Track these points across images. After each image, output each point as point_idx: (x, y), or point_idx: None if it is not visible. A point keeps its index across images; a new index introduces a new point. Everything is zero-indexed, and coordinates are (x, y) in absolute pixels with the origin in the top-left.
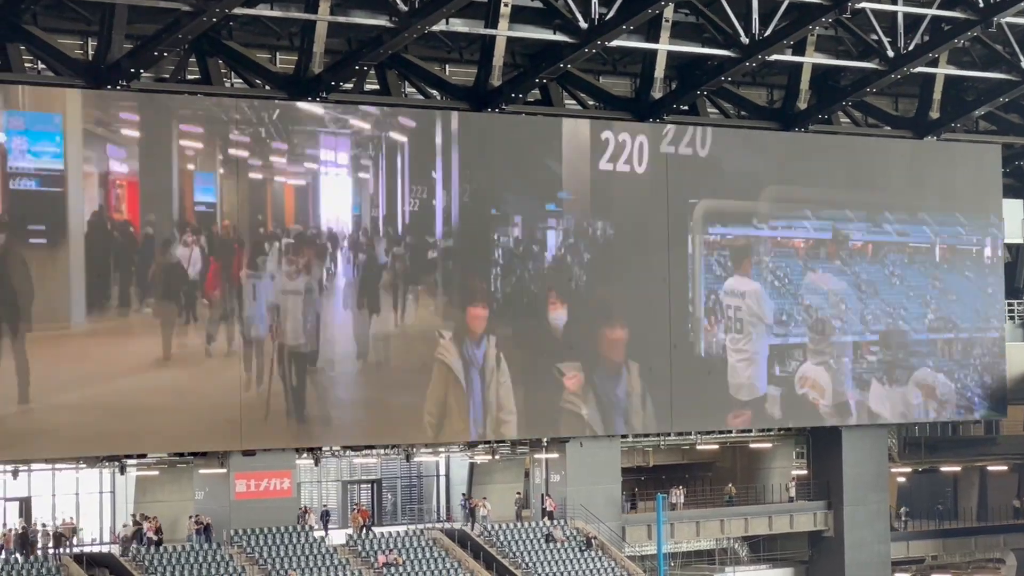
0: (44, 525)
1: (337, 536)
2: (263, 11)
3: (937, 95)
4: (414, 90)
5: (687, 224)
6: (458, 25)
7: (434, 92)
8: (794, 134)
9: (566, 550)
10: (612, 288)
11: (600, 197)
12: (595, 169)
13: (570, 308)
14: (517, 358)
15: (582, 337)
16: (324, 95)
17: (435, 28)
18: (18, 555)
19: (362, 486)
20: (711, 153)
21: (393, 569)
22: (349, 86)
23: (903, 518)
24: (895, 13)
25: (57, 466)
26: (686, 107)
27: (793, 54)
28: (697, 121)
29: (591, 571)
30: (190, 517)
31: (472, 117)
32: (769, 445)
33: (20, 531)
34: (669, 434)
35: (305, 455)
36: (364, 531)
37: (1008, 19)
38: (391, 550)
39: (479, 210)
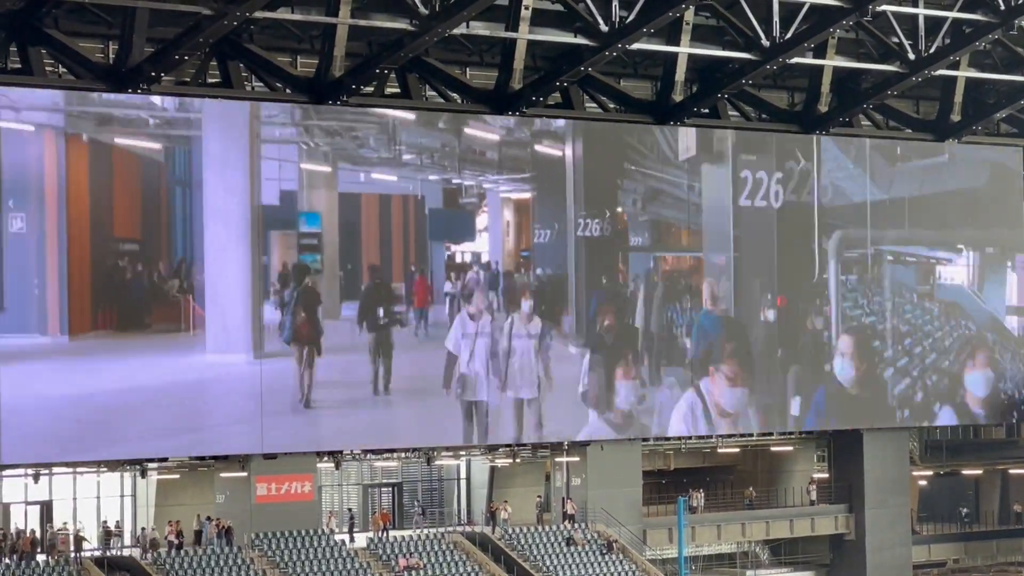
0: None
1: (358, 539)
2: (284, 15)
3: (958, 98)
4: (435, 93)
5: None
6: (478, 28)
7: (455, 95)
8: None
9: (587, 553)
10: None
11: None
12: None
13: None
14: None
15: None
16: (345, 98)
17: (456, 31)
18: (39, 558)
19: (383, 490)
20: None
21: (414, 573)
22: (370, 89)
23: (964, 518)
24: (916, 16)
25: (78, 470)
26: (707, 110)
27: (814, 57)
28: (718, 124)
29: (612, 574)
30: (210, 520)
31: None
32: (790, 448)
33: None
34: (690, 437)
35: (326, 458)
36: (383, 534)
37: None
38: (412, 554)
39: None
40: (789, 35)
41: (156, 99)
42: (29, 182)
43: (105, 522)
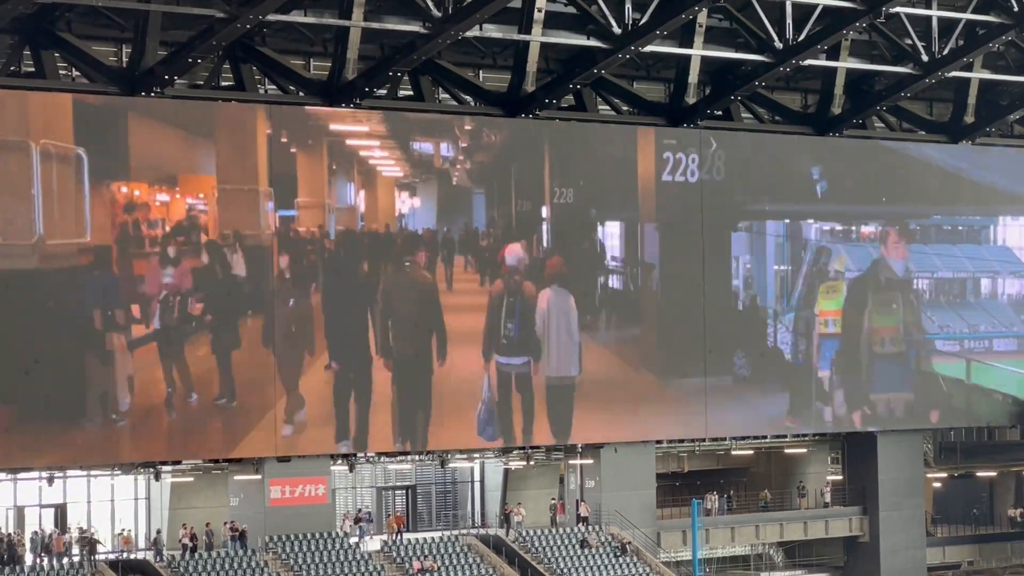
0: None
1: (372, 542)
2: (297, 17)
3: (972, 99)
4: (447, 96)
5: None
6: (492, 31)
7: (468, 98)
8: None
9: (601, 556)
10: None
11: None
12: None
13: None
14: None
15: None
16: (358, 101)
17: (469, 34)
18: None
19: (397, 492)
20: None
21: (428, 575)
22: (383, 92)
23: (1018, 518)
24: (929, 17)
25: (92, 472)
26: (720, 112)
27: (827, 59)
28: (732, 126)
29: None
30: (224, 523)
31: None
32: (804, 450)
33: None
34: (704, 440)
35: (340, 461)
36: (398, 537)
37: None
38: (426, 556)
39: None
40: (802, 37)
41: None
42: None
43: (81, 527)
